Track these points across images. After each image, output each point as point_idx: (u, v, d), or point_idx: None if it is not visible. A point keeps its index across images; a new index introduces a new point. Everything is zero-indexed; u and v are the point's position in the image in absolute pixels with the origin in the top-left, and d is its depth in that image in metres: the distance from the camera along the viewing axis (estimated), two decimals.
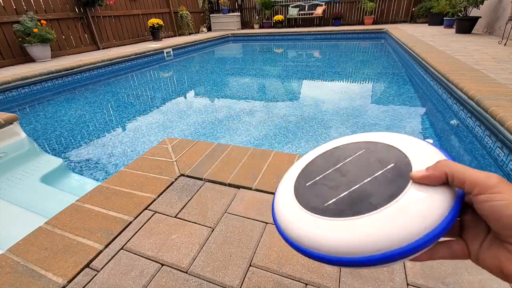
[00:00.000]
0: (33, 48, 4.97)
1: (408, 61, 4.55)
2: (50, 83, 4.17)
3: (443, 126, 2.42)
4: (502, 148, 1.63)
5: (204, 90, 3.91)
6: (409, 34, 6.03)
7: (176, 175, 1.29)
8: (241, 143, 2.21)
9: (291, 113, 2.77)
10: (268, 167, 1.29)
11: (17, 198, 1.54)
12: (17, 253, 0.90)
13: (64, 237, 0.95)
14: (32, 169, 1.82)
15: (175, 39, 8.23)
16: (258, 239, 0.91)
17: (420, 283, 0.74)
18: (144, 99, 3.66)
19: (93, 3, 6.21)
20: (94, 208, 1.08)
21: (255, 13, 11.22)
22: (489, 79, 2.37)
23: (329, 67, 4.88)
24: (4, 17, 4.77)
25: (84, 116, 3.06)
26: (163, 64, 6.05)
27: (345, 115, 2.67)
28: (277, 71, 4.78)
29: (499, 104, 1.78)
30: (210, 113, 2.96)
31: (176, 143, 1.59)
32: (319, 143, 2.17)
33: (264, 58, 6.30)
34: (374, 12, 9.57)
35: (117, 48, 6.87)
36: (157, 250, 0.88)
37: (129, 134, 2.56)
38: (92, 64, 4.76)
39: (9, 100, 3.64)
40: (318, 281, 0.76)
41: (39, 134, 2.63)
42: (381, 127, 2.36)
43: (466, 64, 2.99)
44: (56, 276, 0.81)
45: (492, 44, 4.43)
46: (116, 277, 0.81)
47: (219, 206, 1.08)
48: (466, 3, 5.59)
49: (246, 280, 0.77)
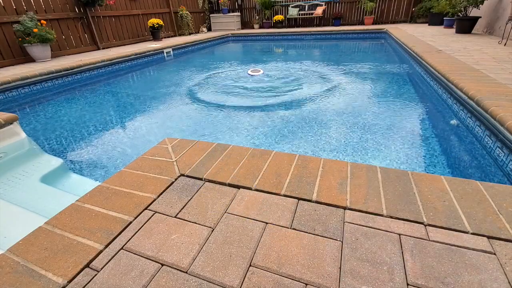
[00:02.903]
0: (33, 48, 4.97)
1: (408, 61, 4.55)
2: (50, 83, 4.17)
3: (443, 126, 2.41)
4: (502, 148, 1.63)
5: (204, 89, 3.91)
6: (409, 34, 6.03)
7: (176, 175, 1.29)
8: (241, 143, 2.21)
9: (290, 113, 2.77)
10: (268, 167, 1.29)
11: (17, 198, 1.54)
12: (17, 253, 0.90)
13: (64, 237, 0.95)
14: (32, 169, 1.82)
15: (175, 39, 8.23)
16: (258, 239, 0.91)
17: (420, 283, 0.74)
18: (144, 99, 3.66)
19: (93, 3, 6.21)
20: (94, 208, 1.08)
21: (255, 13, 11.22)
22: (489, 79, 2.37)
23: (329, 67, 4.88)
24: (4, 17, 4.77)
25: (84, 116, 3.06)
26: (163, 64, 6.05)
27: (345, 116, 2.67)
28: (277, 71, 4.77)
29: (499, 104, 1.78)
30: (209, 112, 2.96)
31: (176, 143, 1.59)
32: (319, 143, 2.17)
33: (264, 58, 6.30)
34: (374, 12, 9.57)
35: (117, 48, 6.86)
36: (157, 250, 0.88)
37: (129, 134, 2.56)
38: (92, 64, 4.76)
39: (9, 100, 3.64)
40: (318, 281, 0.76)
41: (39, 134, 2.63)
42: (380, 127, 2.36)
43: (466, 64, 2.99)
44: (56, 276, 0.81)
45: (492, 44, 4.43)
46: (116, 277, 0.81)
47: (219, 206, 1.08)
48: (466, 3, 5.59)
49: (246, 280, 0.77)
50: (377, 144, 2.09)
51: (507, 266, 0.77)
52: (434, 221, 0.93)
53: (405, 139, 2.14)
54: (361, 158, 1.93)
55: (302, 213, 1.01)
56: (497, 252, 0.82)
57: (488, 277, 0.74)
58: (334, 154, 1.99)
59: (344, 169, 1.24)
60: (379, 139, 2.15)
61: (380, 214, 0.98)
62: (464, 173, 1.77)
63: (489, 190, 1.06)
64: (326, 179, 1.18)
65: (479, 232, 0.88)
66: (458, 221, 0.93)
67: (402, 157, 1.90)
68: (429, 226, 0.92)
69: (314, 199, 1.07)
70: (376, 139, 2.16)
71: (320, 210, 1.02)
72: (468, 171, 1.79)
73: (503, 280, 0.73)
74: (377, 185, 1.12)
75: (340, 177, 1.19)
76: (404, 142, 2.10)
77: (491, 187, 1.08)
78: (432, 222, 0.93)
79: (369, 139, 2.17)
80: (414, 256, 0.81)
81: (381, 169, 1.22)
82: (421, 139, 2.15)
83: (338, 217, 0.98)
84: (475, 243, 0.85)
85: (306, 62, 5.46)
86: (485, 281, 0.73)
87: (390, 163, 1.84)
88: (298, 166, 1.29)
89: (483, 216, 0.94)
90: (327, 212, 1.01)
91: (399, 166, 1.80)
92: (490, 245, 0.84)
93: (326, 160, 1.32)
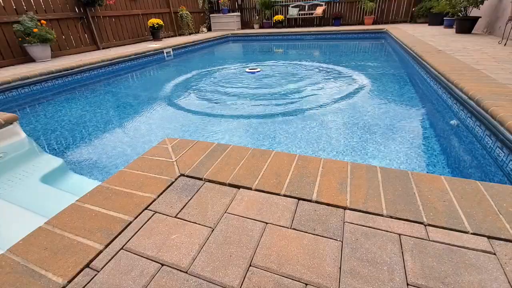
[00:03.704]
0: (33, 48, 4.97)
1: (408, 61, 4.55)
2: (50, 83, 4.17)
3: (443, 126, 2.41)
4: (502, 148, 1.63)
5: (203, 89, 3.91)
6: (409, 34, 6.03)
7: (176, 175, 1.29)
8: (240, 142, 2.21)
9: (290, 113, 2.77)
10: (268, 167, 1.29)
11: (17, 198, 1.54)
12: (17, 253, 0.90)
13: (64, 237, 0.95)
14: (32, 169, 1.82)
15: (175, 39, 8.23)
16: (258, 239, 0.91)
17: (420, 283, 0.74)
18: (144, 98, 3.66)
19: (93, 3, 6.21)
20: (94, 208, 1.08)
21: (255, 13, 11.22)
22: (489, 79, 2.37)
23: (329, 67, 4.88)
24: (4, 17, 4.77)
25: (84, 116, 3.06)
26: (163, 64, 6.05)
27: (345, 116, 2.67)
28: (277, 70, 4.77)
29: (499, 104, 1.78)
30: (209, 111, 2.96)
31: (176, 143, 1.59)
32: (320, 143, 2.17)
33: (264, 58, 6.30)
34: (374, 12, 9.57)
35: (117, 48, 6.86)
36: (157, 250, 0.88)
37: (129, 134, 2.56)
38: (92, 64, 4.76)
39: (9, 100, 3.64)
40: (318, 281, 0.76)
41: (39, 134, 2.63)
42: (380, 127, 2.36)
43: (466, 64, 2.99)
44: (56, 276, 0.81)
45: (492, 44, 4.43)
46: (116, 277, 0.81)
47: (219, 206, 1.08)
48: (466, 3, 5.59)
49: (246, 280, 0.77)
50: (376, 144, 2.09)
51: (507, 266, 0.77)
52: (434, 221, 0.93)
53: (405, 139, 2.14)
54: (361, 158, 1.93)
55: (302, 213, 1.01)
56: (497, 252, 0.82)
57: (488, 277, 0.74)
58: (334, 154, 1.99)
59: (344, 169, 1.24)
60: (379, 139, 2.15)
61: (380, 214, 0.98)
62: (464, 173, 1.77)
63: (489, 190, 1.06)
64: (326, 179, 1.18)
65: (479, 232, 0.88)
66: (458, 221, 0.93)
67: (402, 156, 1.90)
68: (429, 226, 0.92)
69: (314, 199, 1.07)
70: (375, 139, 2.16)
71: (320, 210, 1.02)
72: (468, 171, 1.79)
73: (503, 280, 0.73)
74: (377, 185, 1.12)
75: (340, 177, 1.19)
76: (404, 142, 2.10)
77: (491, 187, 1.08)
78: (432, 222, 0.93)
79: (368, 139, 2.17)
80: (414, 256, 0.81)
81: (381, 169, 1.22)
82: (421, 139, 2.15)
83: (338, 217, 0.98)
84: (475, 243, 0.85)
85: (306, 62, 5.46)
86: (485, 281, 0.73)
87: (390, 163, 1.84)
88: (298, 166, 1.29)
89: (483, 216, 0.94)
90: (327, 212, 1.01)
91: (399, 166, 1.80)
92: (490, 245, 0.84)
93: (326, 160, 1.32)
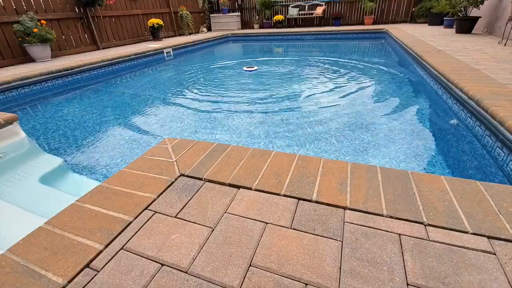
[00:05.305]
0: (33, 48, 4.97)
1: (408, 61, 4.55)
2: (50, 83, 4.17)
3: (443, 126, 2.41)
4: (502, 148, 1.63)
5: (203, 89, 3.91)
6: (409, 34, 6.03)
7: (176, 175, 1.29)
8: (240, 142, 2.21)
9: (289, 112, 2.77)
10: (268, 167, 1.29)
11: (17, 198, 1.54)
12: (17, 253, 0.90)
13: (64, 237, 0.95)
14: (32, 169, 1.82)
15: (175, 39, 8.23)
16: (258, 239, 0.91)
17: (420, 283, 0.74)
18: (144, 98, 3.66)
19: (93, 3, 6.21)
20: (94, 208, 1.08)
21: (255, 13, 11.22)
22: (489, 79, 2.37)
23: (329, 66, 4.88)
24: (4, 17, 4.77)
25: (84, 116, 3.06)
26: (163, 64, 6.05)
27: (345, 116, 2.67)
28: (276, 70, 4.77)
29: (499, 104, 1.78)
30: (208, 111, 2.96)
31: (176, 143, 1.59)
32: (321, 143, 2.17)
33: (264, 57, 6.30)
34: (374, 12, 9.57)
35: (117, 48, 6.86)
36: (157, 250, 0.88)
37: (129, 133, 2.56)
38: (92, 64, 4.76)
39: (9, 100, 3.64)
40: (318, 281, 0.76)
41: (39, 134, 2.63)
42: (380, 127, 2.36)
43: (466, 64, 2.99)
44: (56, 276, 0.81)
45: (492, 44, 4.43)
46: (116, 277, 0.81)
47: (219, 206, 1.08)
48: (466, 3, 5.59)
49: (246, 280, 0.77)
50: (376, 143, 2.09)
51: (507, 266, 0.77)
52: (434, 221, 0.93)
53: (404, 139, 2.14)
54: (361, 157, 1.93)
55: (302, 213, 1.01)
56: (497, 252, 0.82)
57: (488, 277, 0.74)
58: (333, 155, 2.00)
59: (344, 169, 1.24)
60: (378, 139, 2.15)
61: (380, 214, 0.98)
62: (464, 173, 1.77)
63: (489, 190, 1.06)
64: (326, 179, 1.18)
65: (479, 232, 0.88)
66: (458, 221, 0.93)
67: (401, 156, 1.90)
68: (429, 226, 0.92)
69: (314, 199, 1.07)
70: (375, 139, 2.16)
71: (320, 210, 1.02)
72: (468, 171, 1.79)
73: (503, 280, 0.73)
74: (377, 185, 1.12)
75: (340, 177, 1.19)
76: (403, 142, 2.10)
77: (491, 187, 1.08)
78: (432, 222, 0.93)
79: (367, 139, 2.17)
80: (414, 256, 0.81)
81: (381, 169, 1.22)
82: (421, 139, 2.15)
83: (338, 217, 0.98)
84: (475, 243, 0.85)
85: (306, 61, 5.46)
86: (485, 281, 0.73)
87: (389, 162, 1.84)
88: (298, 166, 1.29)
89: (483, 216, 0.94)
90: (327, 212, 1.01)
91: (398, 166, 1.80)
92: (490, 245, 0.84)
93: (326, 160, 1.32)
